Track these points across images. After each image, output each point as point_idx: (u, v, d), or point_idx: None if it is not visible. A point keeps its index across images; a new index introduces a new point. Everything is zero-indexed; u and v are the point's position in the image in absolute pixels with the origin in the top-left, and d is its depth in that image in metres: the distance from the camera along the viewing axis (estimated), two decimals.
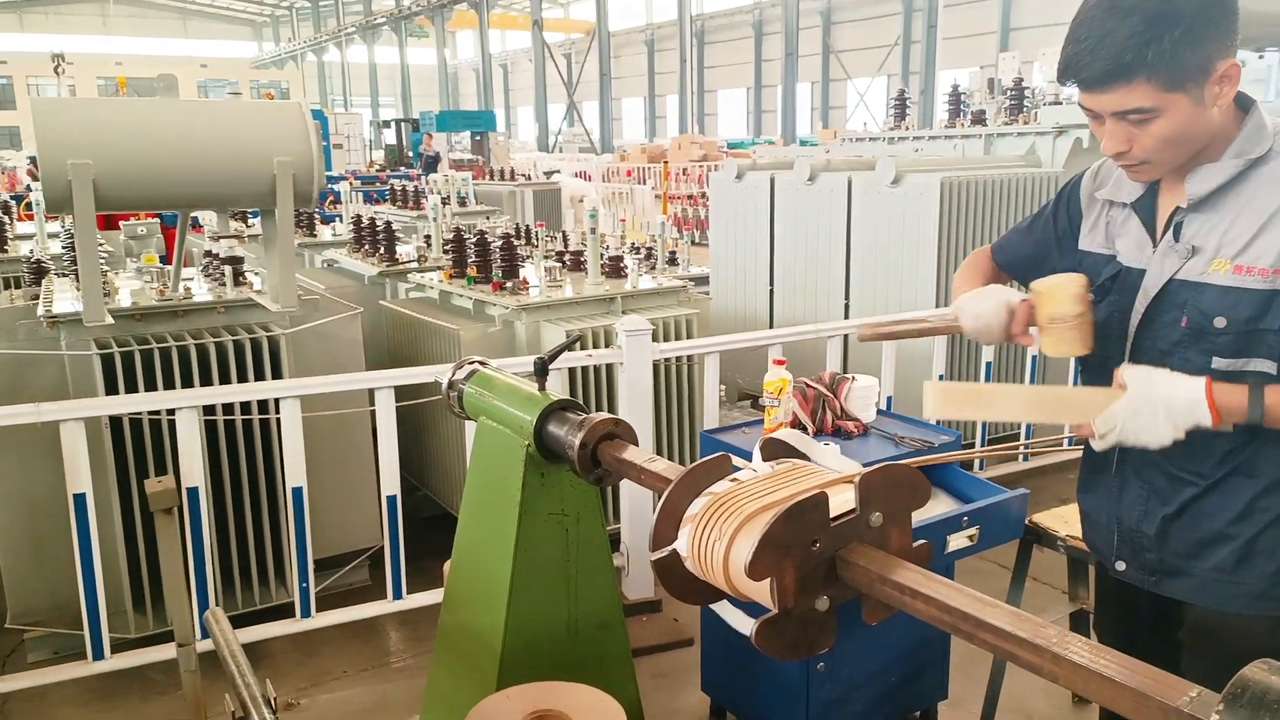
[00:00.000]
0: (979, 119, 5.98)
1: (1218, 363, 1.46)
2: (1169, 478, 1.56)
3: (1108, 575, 1.77)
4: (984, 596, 1.17)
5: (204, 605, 2.97)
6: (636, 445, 1.78)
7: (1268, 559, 1.46)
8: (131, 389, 3.02)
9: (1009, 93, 5.78)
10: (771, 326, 5.49)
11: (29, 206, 7.64)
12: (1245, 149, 1.44)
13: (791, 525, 1.22)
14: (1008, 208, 4.69)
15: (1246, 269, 1.42)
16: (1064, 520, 2.58)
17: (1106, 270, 1.63)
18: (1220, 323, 1.45)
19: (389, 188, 9.88)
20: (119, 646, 3.05)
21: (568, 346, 2.07)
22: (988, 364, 4.59)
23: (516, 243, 4.19)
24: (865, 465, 1.54)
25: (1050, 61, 6.16)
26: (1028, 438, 4.68)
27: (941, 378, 4.31)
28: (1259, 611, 1.46)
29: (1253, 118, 1.47)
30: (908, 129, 6.76)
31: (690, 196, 16.21)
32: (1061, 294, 1.60)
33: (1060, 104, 5.39)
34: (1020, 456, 4.59)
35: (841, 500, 1.30)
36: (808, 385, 2.79)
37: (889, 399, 3.90)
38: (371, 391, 3.22)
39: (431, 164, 16.14)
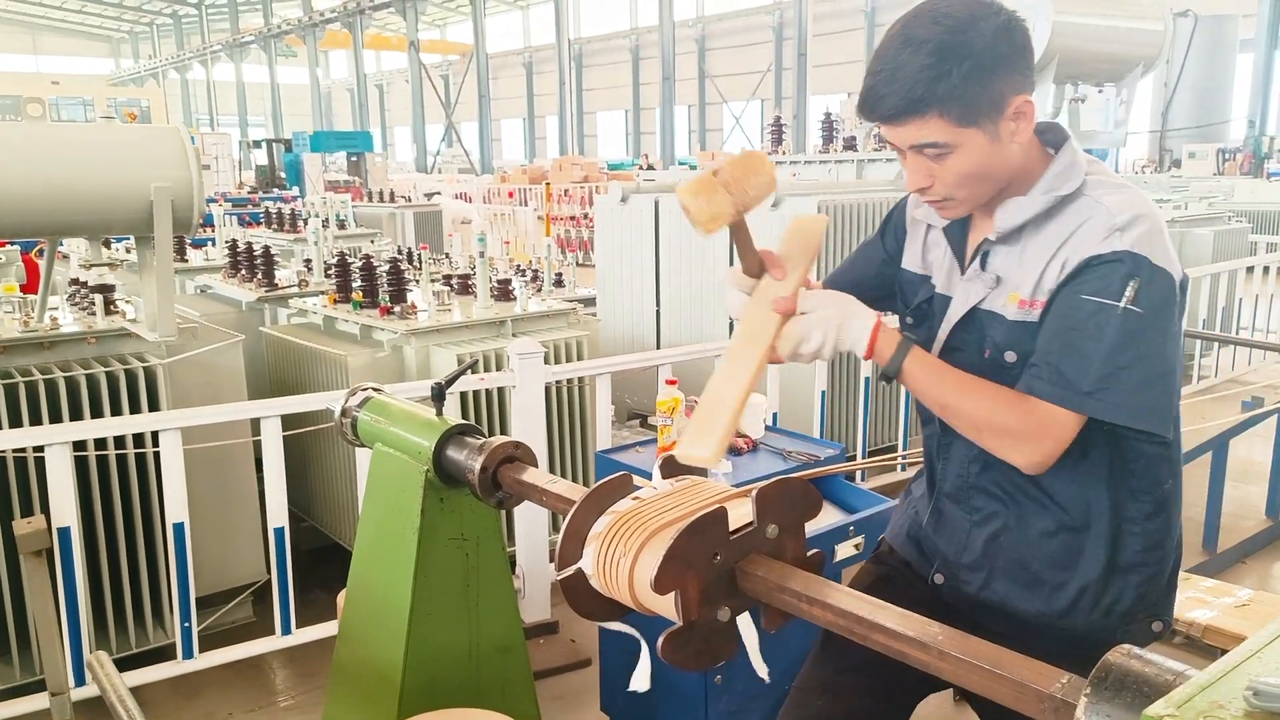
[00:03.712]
0: (850, 144, 6.27)
1: None
2: (988, 496, 1.57)
3: (893, 563, 1.79)
4: (875, 600, 1.25)
5: (77, 651, 2.82)
6: (536, 467, 1.81)
7: (1072, 583, 1.51)
8: None
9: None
10: (659, 347, 5.59)
11: None
12: (1055, 185, 1.43)
13: (694, 539, 1.28)
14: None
15: (1029, 304, 1.42)
16: None
17: (922, 292, 1.64)
18: (1010, 357, 1.46)
19: (263, 210, 9.57)
20: None
21: (467, 370, 2.08)
22: (865, 379, 4.81)
23: (403, 266, 4.15)
24: (757, 479, 1.60)
25: None
26: (904, 449, 4.91)
27: (824, 394, 4.50)
28: (1065, 623, 1.50)
29: (1063, 155, 1.46)
30: (784, 153, 7.02)
31: (573, 217, 16.28)
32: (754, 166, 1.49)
33: None
34: (899, 466, 4.81)
35: (739, 514, 1.37)
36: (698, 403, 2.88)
37: (775, 415, 4.04)
38: (256, 421, 3.13)
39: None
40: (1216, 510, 4.23)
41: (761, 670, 1.38)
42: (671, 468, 1.60)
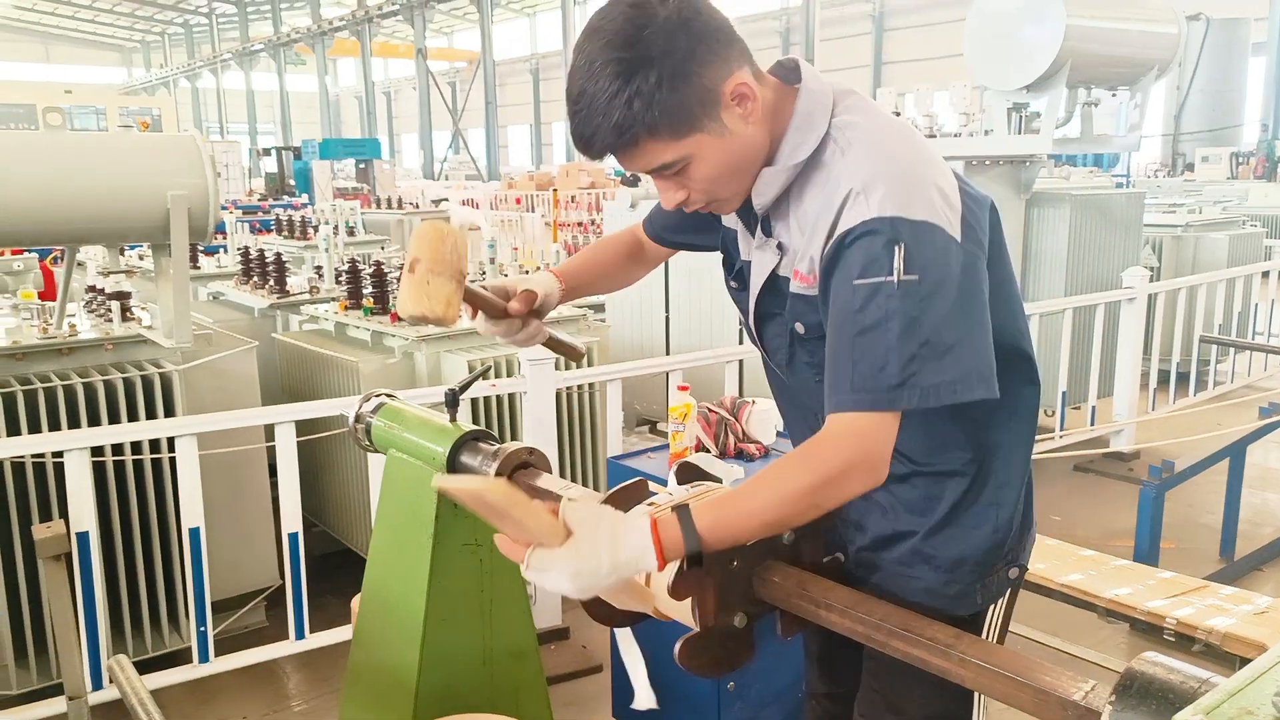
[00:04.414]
0: None
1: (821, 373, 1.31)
2: None
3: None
4: (894, 606, 1.25)
5: (95, 655, 2.83)
6: (550, 473, 1.82)
7: (938, 560, 1.45)
8: (14, 432, 2.87)
9: None
10: (669, 353, 5.59)
11: None
12: (794, 153, 1.32)
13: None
14: None
15: (804, 278, 1.34)
16: None
17: (737, 256, 1.52)
18: (800, 328, 1.39)
19: (273, 217, 9.62)
20: (1, 704, 2.87)
21: (480, 376, 2.09)
22: None
23: None
24: None
25: (924, 97, 6.51)
26: None
27: None
28: (931, 603, 1.43)
29: (799, 110, 1.33)
30: None
31: (580, 224, 16.29)
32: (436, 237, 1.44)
33: (934, 136, 5.71)
34: None
35: None
36: (709, 410, 2.88)
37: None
38: (270, 427, 3.14)
39: None
40: (1234, 517, 4.22)
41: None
42: (687, 473, 1.60)
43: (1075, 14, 4.90)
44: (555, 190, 14.95)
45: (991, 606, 1.50)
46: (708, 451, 2.80)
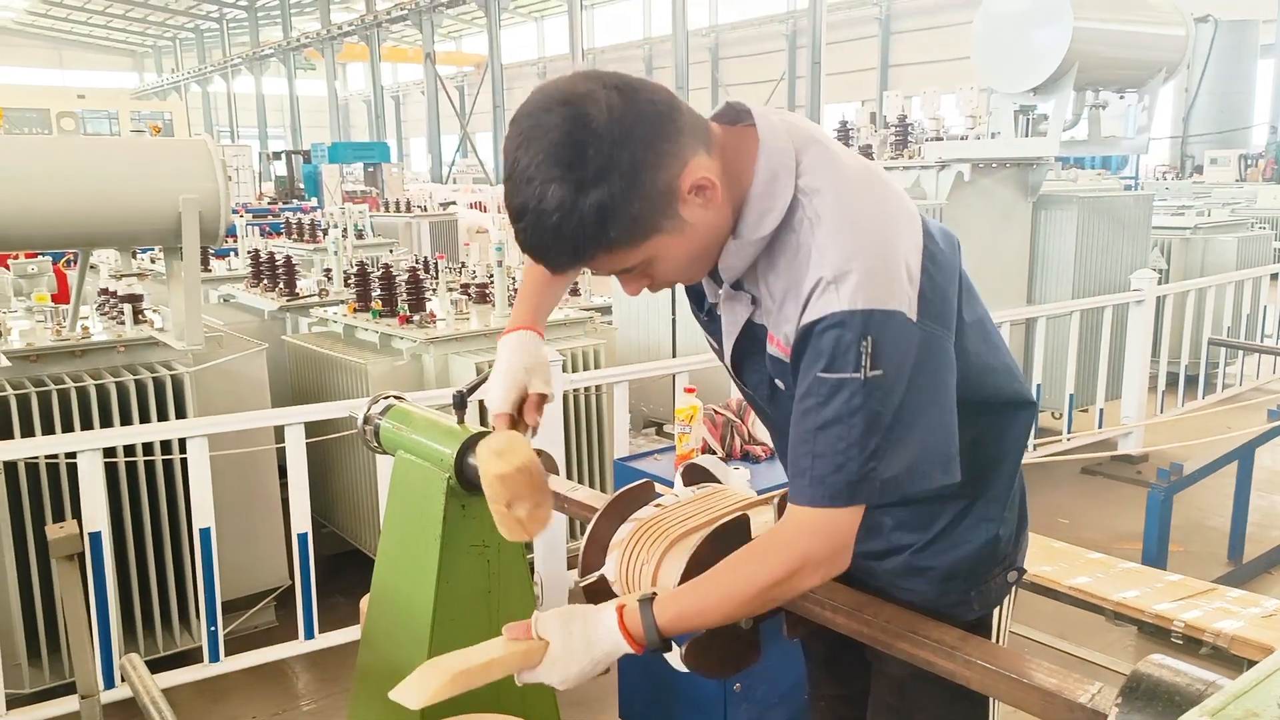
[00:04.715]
0: (865, 153, 6.27)
1: None
2: None
3: None
4: (900, 609, 1.26)
5: (107, 655, 2.86)
6: (558, 474, 1.83)
7: (932, 573, 1.45)
8: (28, 433, 2.90)
9: (894, 129, 6.09)
10: (675, 355, 5.60)
11: None
12: (758, 225, 1.23)
13: (717, 546, 1.29)
14: None
15: (780, 346, 1.27)
16: None
17: (704, 297, 1.44)
18: (780, 384, 1.34)
19: (283, 220, 9.66)
20: (14, 703, 2.89)
21: (487, 379, 2.10)
22: None
23: (421, 275, 4.19)
24: (774, 488, 1.61)
25: (930, 99, 6.52)
26: None
27: None
28: (930, 611, 1.38)
29: (760, 173, 1.22)
30: None
31: None
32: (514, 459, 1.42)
33: (941, 139, 5.71)
34: None
35: (762, 521, 1.38)
36: (716, 412, 2.89)
37: None
38: (280, 428, 3.17)
39: None
40: (1242, 520, 4.21)
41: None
42: (693, 475, 1.62)
43: (1083, 16, 4.89)
44: None
45: (996, 609, 1.51)
46: (714, 453, 2.81)
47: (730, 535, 1.31)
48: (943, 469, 1.23)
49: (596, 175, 1.10)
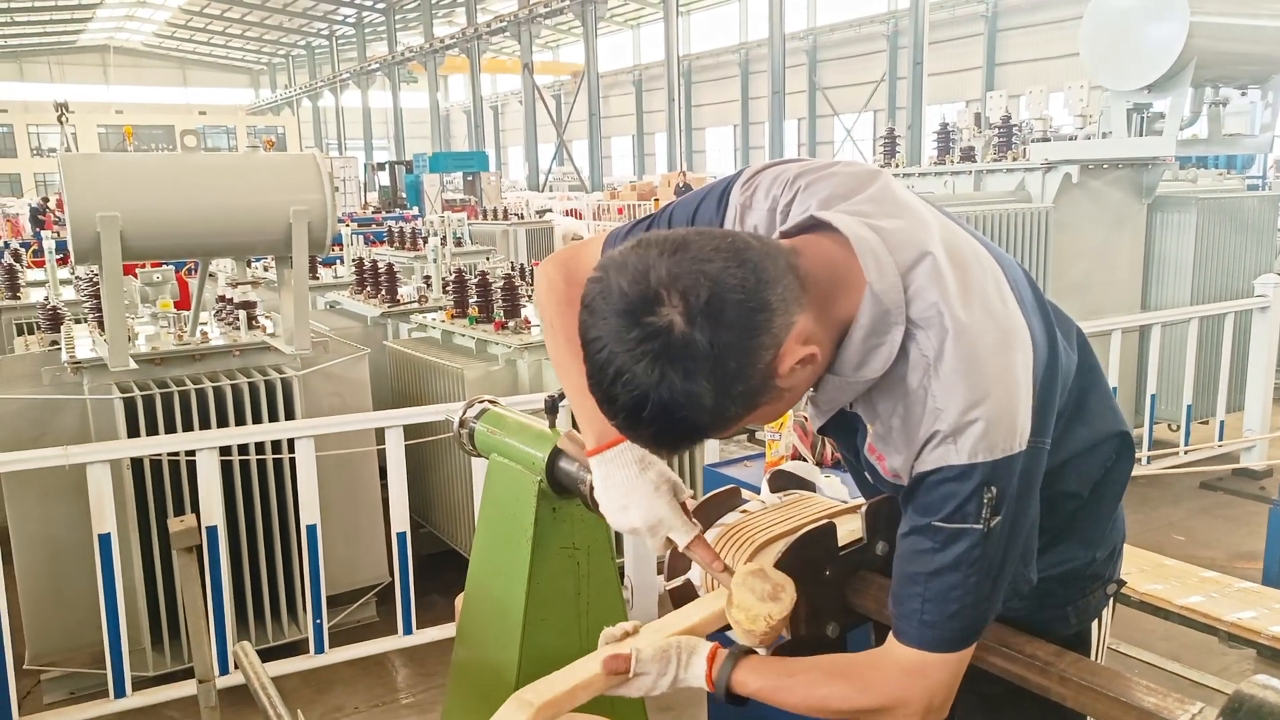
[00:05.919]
0: (968, 155, 6.11)
1: None
2: None
3: None
4: (994, 623, 1.22)
5: (222, 642, 3.01)
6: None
7: (1026, 591, 1.36)
8: (151, 431, 3.09)
9: (997, 130, 5.92)
10: None
11: (36, 254, 7.75)
12: (864, 368, 1.13)
13: (802, 554, 1.29)
14: (1001, 242, 4.80)
15: (887, 470, 1.20)
16: None
17: None
18: (871, 479, 1.30)
19: (386, 229, 9.99)
20: (138, 685, 3.07)
21: None
22: None
23: (516, 282, 4.28)
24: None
25: (1037, 99, 6.32)
26: None
27: None
28: (1025, 625, 1.34)
29: (863, 313, 1.11)
30: (898, 165, 6.89)
31: None
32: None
33: (1048, 140, 5.53)
34: None
35: (849, 529, 1.37)
36: (806, 419, 2.87)
37: None
38: (381, 430, 3.28)
39: None
40: None
41: None
42: (780, 481, 1.61)
43: (1200, 10, 4.67)
44: (656, 199, 15.07)
45: (1095, 622, 1.46)
46: (804, 460, 2.78)
47: (816, 542, 1.30)
48: (1024, 563, 1.26)
49: (690, 392, 1.02)
